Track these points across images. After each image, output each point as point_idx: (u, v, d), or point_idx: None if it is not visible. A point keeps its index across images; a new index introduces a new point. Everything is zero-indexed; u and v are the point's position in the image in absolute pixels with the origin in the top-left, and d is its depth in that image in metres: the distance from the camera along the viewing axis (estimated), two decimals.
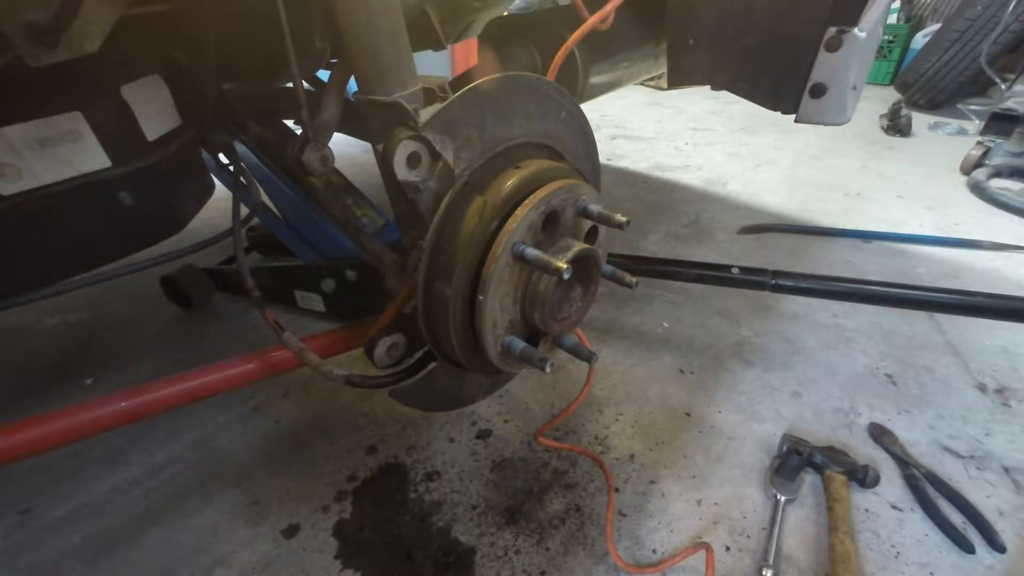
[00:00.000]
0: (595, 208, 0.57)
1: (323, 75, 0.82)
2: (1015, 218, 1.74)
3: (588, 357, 0.61)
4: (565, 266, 0.50)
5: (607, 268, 0.65)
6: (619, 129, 2.84)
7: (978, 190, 1.90)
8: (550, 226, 0.57)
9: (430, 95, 0.62)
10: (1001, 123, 2.18)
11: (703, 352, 1.17)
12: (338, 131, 0.74)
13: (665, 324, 1.28)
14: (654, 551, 0.79)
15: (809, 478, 0.88)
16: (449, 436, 0.99)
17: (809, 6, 0.80)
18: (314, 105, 0.66)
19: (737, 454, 0.94)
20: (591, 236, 0.63)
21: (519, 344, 0.58)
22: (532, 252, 0.52)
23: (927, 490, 0.85)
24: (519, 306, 0.58)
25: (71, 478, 0.93)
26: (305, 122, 0.59)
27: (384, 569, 0.78)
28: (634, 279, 0.64)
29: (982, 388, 1.07)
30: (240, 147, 0.89)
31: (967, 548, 0.77)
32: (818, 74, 0.83)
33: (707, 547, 0.75)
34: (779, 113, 0.92)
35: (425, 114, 0.55)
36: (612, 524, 0.81)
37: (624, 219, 0.57)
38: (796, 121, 0.90)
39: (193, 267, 1.32)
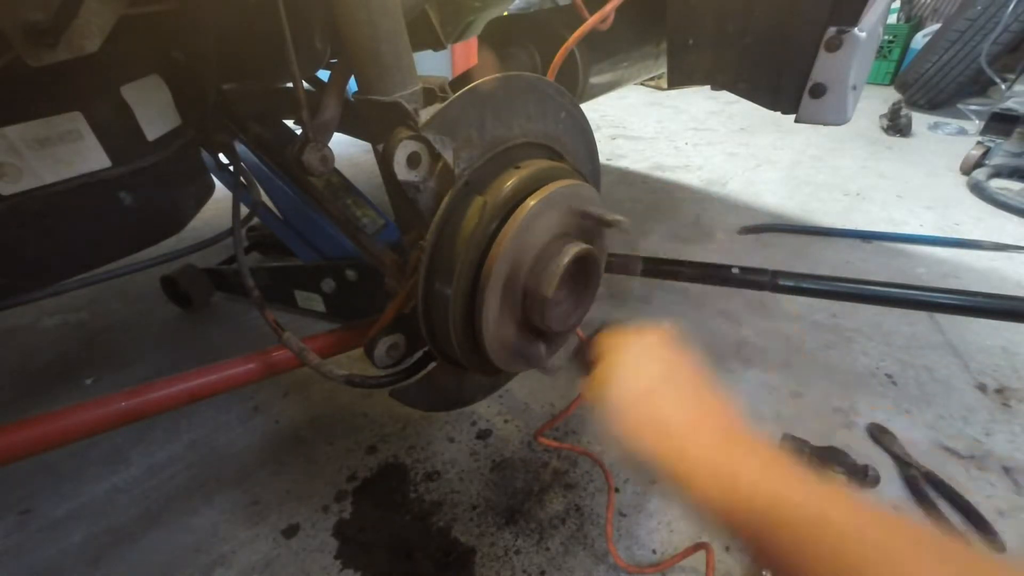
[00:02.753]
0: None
1: (323, 75, 0.82)
2: (1015, 218, 1.74)
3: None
4: (622, 218, 0.52)
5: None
6: (619, 129, 2.84)
7: (978, 190, 1.90)
8: None
9: (430, 95, 0.62)
10: (1001, 123, 2.18)
11: (703, 352, 1.17)
12: (338, 131, 0.74)
13: (665, 324, 1.28)
14: (654, 551, 0.79)
15: None
16: (449, 436, 0.99)
17: (809, 6, 0.80)
18: (314, 105, 0.66)
19: None
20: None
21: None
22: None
23: (927, 490, 0.85)
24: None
25: (71, 478, 0.93)
26: (305, 122, 0.59)
27: (384, 569, 0.78)
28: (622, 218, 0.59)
29: (982, 388, 1.07)
30: (240, 147, 0.89)
31: None
32: (818, 74, 0.83)
33: (707, 547, 0.75)
34: (779, 113, 0.92)
35: (425, 114, 0.55)
36: (612, 524, 0.81)
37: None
38: (796, 121, 0.90)
39: (193, 267, 1.31)
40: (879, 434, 0.96)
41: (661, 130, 2.80)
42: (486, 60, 1.09)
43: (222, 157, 0.92)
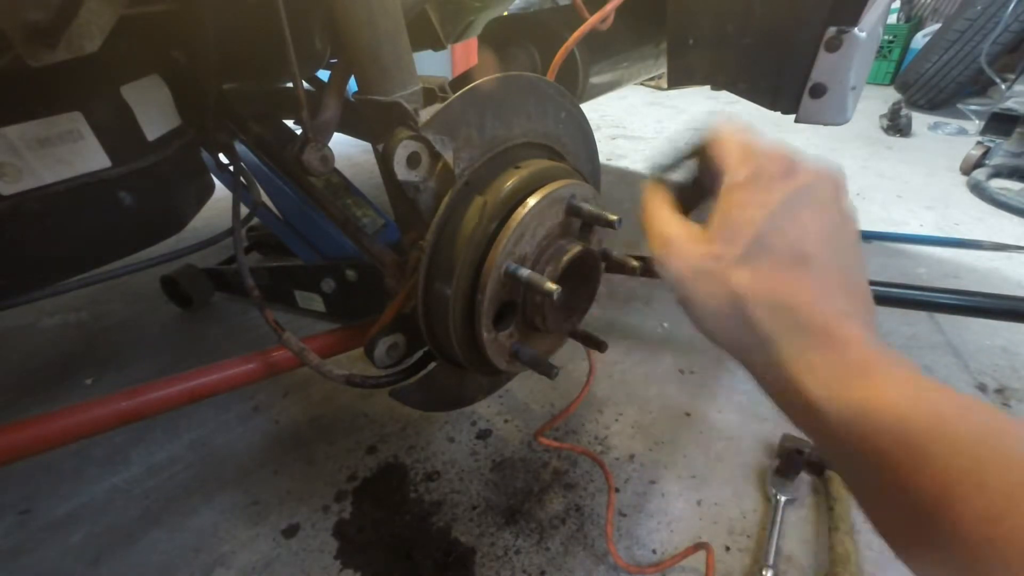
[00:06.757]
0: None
1: (323, 75, 0.82)
2: (1015, 218, 1.74)
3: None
4: (555, 287, 0.49)
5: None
6: (619, 129, 2.84)
7: (978, 190, 1.90)
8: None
9: (430, 95, 0.62)
10: (1001, 123, 2.19)
11: (703, 352, 1.17)
12: (338, 131, 0.74)
13: (665, 324, 1.28)
14: (654, 551, 0.79)
15: (809, 478, 0.88)
16: (449, 436, 0.99)
17: (809, 6, 0.80)
18: (314, 105, 0.66)
19: (737, 454, 0.94)
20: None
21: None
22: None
23: None
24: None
25: (71, 478, 0.92)
26: (305, 122, 0.59)
27: (384, 569, 0.78)
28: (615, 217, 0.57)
29: (982, 388, 1.07)
30: (240, 147, 0.89)
31: None
32: (818, 74, 0.83)
33: (707, 547, 0.75)
34: (779, 113, 0.92)
35: (425, 114, 0.55)
36: (612, 524, 0.81)
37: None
38: (796, 121, 0.90)
39: (193, 267, 1.32)
40: None
41: (661, 130, 2.80)
42: (486, 60, 1.09)
43: (222, 157, 0.92)
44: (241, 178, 0.87)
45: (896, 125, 2.55)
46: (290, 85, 0.70)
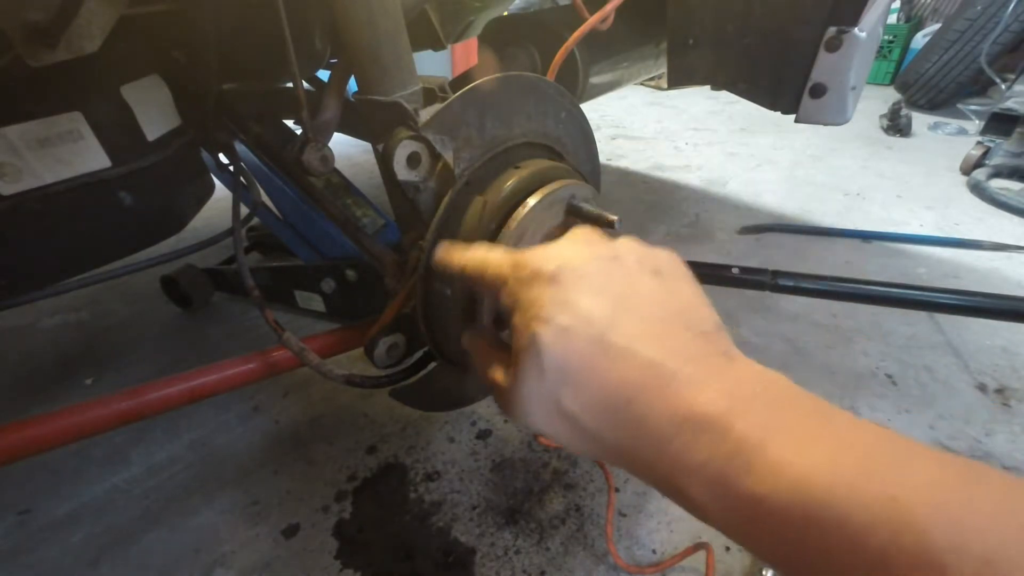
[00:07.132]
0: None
1: (323, 75, 0.83)
2: (1015, 218, 1.74)
3: None
4: (616, 218, 0.49)
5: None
6: (619, 129, 2.84)
7: (978, 190, 1.90)
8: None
9: (430, 95, 0.62)
10: (1001, 123, 2.19)
11: None
12: (338, 131, 0.74)
13: None
14: (654, 551, 0.79)
15: None
16: (449, 436, 0.99)
17: (809, 6, 0.80)
18: (314, 105, 0.66)
19: None
20: None
21: None
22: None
23: None
24: None
25: (71, 478, 0.93)
26: (305, 122, 0.59)
27: (384, 569, 0.78)
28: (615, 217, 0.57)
29: (982, 388, 1.07)
30: (240, 147, 0.89)
31: None
32: (818, 74, 0.83)
33: (707, 547, 0.75)
34: (779, 113, 0.92)
35: (425, 114, 0.55)
36: (612, 524, 0.81)
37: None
38: (796, 121, 0.90)
39: (193, 267, 1.32)
40: None
41: (661, 130, 2.80)
42: (486, 60, 1.09)
43: (222, 157, 0.92)
44: (241, 178, 0.87)
45: (896, 125, 2.55)
46: (290, 85, 0.70)
